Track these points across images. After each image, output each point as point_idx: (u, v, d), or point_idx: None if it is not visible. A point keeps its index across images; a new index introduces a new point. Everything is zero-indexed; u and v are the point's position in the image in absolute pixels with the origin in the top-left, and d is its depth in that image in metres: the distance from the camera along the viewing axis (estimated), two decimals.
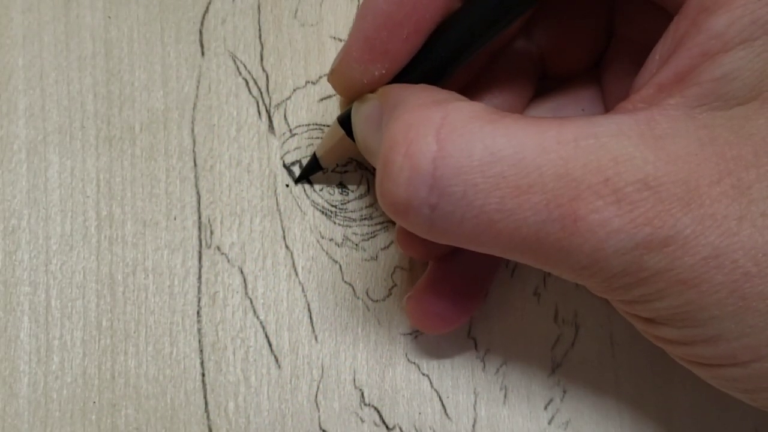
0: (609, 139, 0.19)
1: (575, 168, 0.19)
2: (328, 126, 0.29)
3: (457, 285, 0.26)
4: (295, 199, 0.29)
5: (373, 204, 0.29)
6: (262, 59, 0.29)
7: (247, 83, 0.29)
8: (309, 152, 0.29)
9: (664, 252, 0.19)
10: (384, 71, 0.23)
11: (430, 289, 0.26)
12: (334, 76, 0.24)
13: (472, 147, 0.19)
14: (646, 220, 0.18)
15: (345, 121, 0.25)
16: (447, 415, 0.28)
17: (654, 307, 0.20)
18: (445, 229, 0.20)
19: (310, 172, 0.28)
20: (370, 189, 0.29)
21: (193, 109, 0.29)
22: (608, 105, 0.26)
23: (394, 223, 0.28)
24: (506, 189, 0.19)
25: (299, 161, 0.29)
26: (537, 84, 0.27)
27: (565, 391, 0.28)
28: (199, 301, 0.28)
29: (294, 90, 0.29)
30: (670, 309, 0.20)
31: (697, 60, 0.20)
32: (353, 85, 0.24)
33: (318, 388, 0.28)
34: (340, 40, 0.29)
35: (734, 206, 0.19)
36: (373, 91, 0.24)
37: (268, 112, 0.29)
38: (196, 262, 0.28)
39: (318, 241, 0.28)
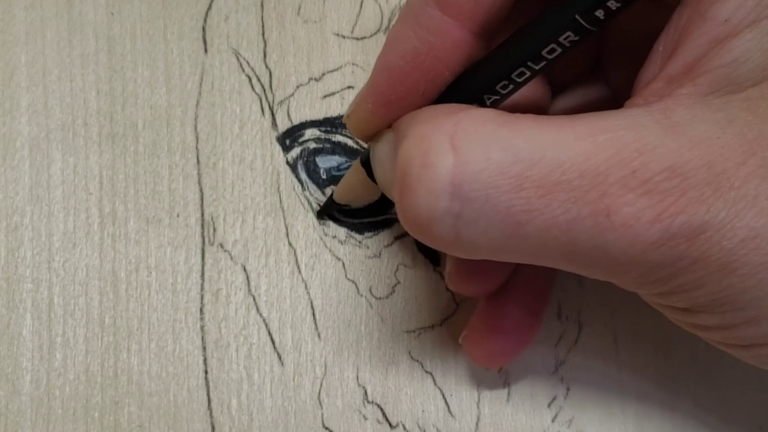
0: (626, 131, 0.19)
1: (598, 163, 0.18)
2: (329, 120, 0.29)
3: (513, 319, 0.26)
4: (298, 197, 0.29)
5: (377, 201, 0.29)
6: (265, 56, 0.29)
7: (250, 80, 0.29)
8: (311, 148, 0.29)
9: (701, 239, 0.18)
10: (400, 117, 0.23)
11: (487, 327, 0.26)
12: (349, 121, 0.24)
13: (489, 149, 0.19)
14: (679, 208, 0.18)
15: (366, 163, 0.25)
16: (450, 412, 0.28)
17: (691, 296, 0.20)
18: (472, 239, 0.19)
19: (329, 210, 0.28)
20: None
21: (196, 106, 0.29)
22: (619, 102, 0.26)
23: (396, 220, 0.28)
24: (530, 189, 0.19)
25: (302, 158, 0.29)
26: (551, 92, 0.26)
27: (568, 389, 0.28)
28: (202, 298, 0.28)
29: (297, 87, 0.29)
30: (709, 296, 0.19)
31: (705, 48, 0.19)
32: (368, 129, 0.24)
33: (321, 385, 0.28)
34: (344, 37, 0.29)
35: (764, 185, 0.18)
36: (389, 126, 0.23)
37: (271, 109, 0.29)
38: (199, 259, 0.28)
39: (321, 239, 0.28)
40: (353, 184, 0.26)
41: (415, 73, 0.22)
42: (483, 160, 0.19)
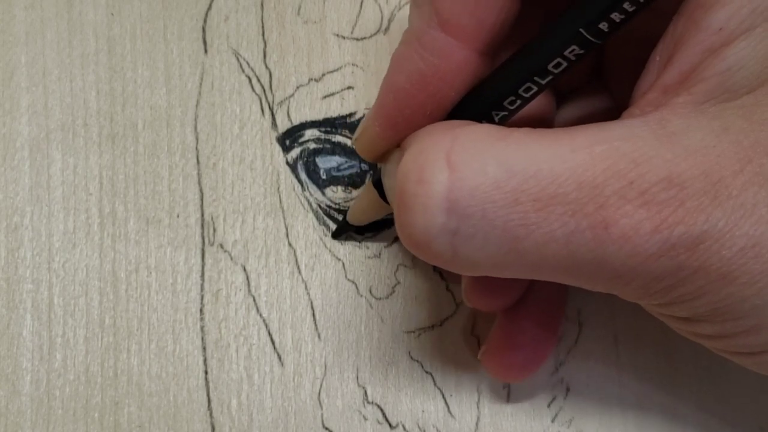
0: (622, 142, 0.19)
1: (595, 175, 0.18)
2: (329, 121, 0.29)
3: (532, 332, 0.26)
4: (298, 197, 0.29)
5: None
6: (265, 56, 0.29)
7: (250, 80, 0.29)
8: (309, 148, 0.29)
9: (700, 249, 0.18)
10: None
11: (506, 341, 0.26)
12: (357, 144, 0.24)
13: (485, 164, 0.19)
14: (677, 218, 0.18)
15: (378, 183, 0.25)
16: (450, 413, 0.28)
17: (692, 306, 0.19)
18: (469, 255, 0.19)
19: (344, 231, 0.28)
20: None
21: (196, 106, 0.29)
22: (622, 111, 0.26)
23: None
24: (527, 203, 0.18)
25: (302, 158, 0.29)
26: (555, 103, 0.26)
27: (568, 389, 0.28)
28: (202, 298, 0.28)
29: (297, 87, 0.29)
30: (710, 305, 0.19)
31: (700, 57, 0.19)
32: (376, 151, 0.24)
33: (321, 385, 0.28)
34: (344, 38, 0.29)
35: (762, 193, 0.18)
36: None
37: (271, 109, 0.29)
38: (198, 259, 0.28)
39: (321, 239, 0.28)
40: (366, 206, 0.26)
41: (421, 96, 0.22)
42: (479, 175, 0.19)
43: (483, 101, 0.22)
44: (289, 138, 0.29)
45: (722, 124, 0.19)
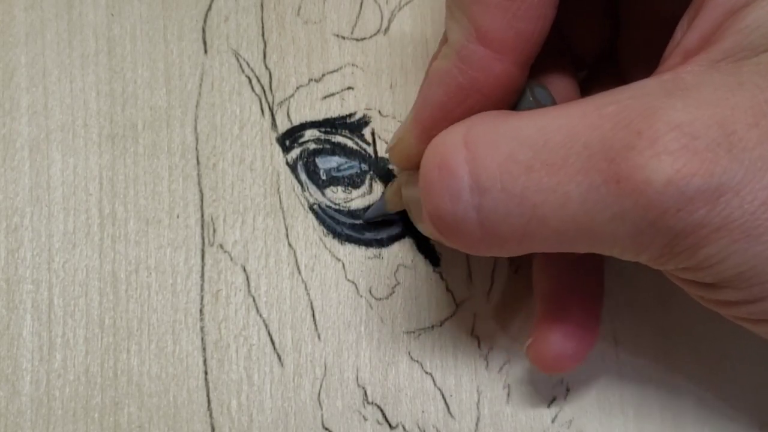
0: (632, 100, 0.19)
1: (604, 132, 0.18)
2: (329, 121, 0.29)
3: (574, 320, 0.26)
4: (298, 198, 0.29)
5: (376, 201, 0.29)
6: (265, 57, 0.29)
7: (250, 81, 0.29)
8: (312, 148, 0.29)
9: (720, 202, 0.18)
10: None
11: (551, 332, 0.26)
12: (392, 154, 0.25)
13: (499, 139, 0.19)
14: (692, 170, 0.18)
15: None
16: (450, 413, 0.28)
17: (718, 269, 0.19)
18: (496, 230, 0.20)
19: (377, 215, 0.28)
20: (372, 187, 0.29)
21: (196, 106, 0.29)
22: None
23: (396, 220, 0.28)
24: (540, 169, 0.19)
25: (302, 159, 0.29)
26: (577, 75, 0.26)
27: (568, 390, 0.28)
28: (201, 299, 0.28)
29: (297, 88, 0.29)
30: (735, 268, 0.19)
31: (721, 19, 0.19)
32: (411, 161, 0.24)
33: (321, 386, 0.28)
34: (343, 38, 0.29)
35: None
36: None
37: (271, 110, 0.29)
38: (198, 260, 0.28)
39: (321, 239, 0.28)
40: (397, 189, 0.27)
41: (459, 110, 0.22)
42: (494, 150, 0.19)
43: None
44: (289, 138, 0.29)
45: (737, 80, 0.19)
